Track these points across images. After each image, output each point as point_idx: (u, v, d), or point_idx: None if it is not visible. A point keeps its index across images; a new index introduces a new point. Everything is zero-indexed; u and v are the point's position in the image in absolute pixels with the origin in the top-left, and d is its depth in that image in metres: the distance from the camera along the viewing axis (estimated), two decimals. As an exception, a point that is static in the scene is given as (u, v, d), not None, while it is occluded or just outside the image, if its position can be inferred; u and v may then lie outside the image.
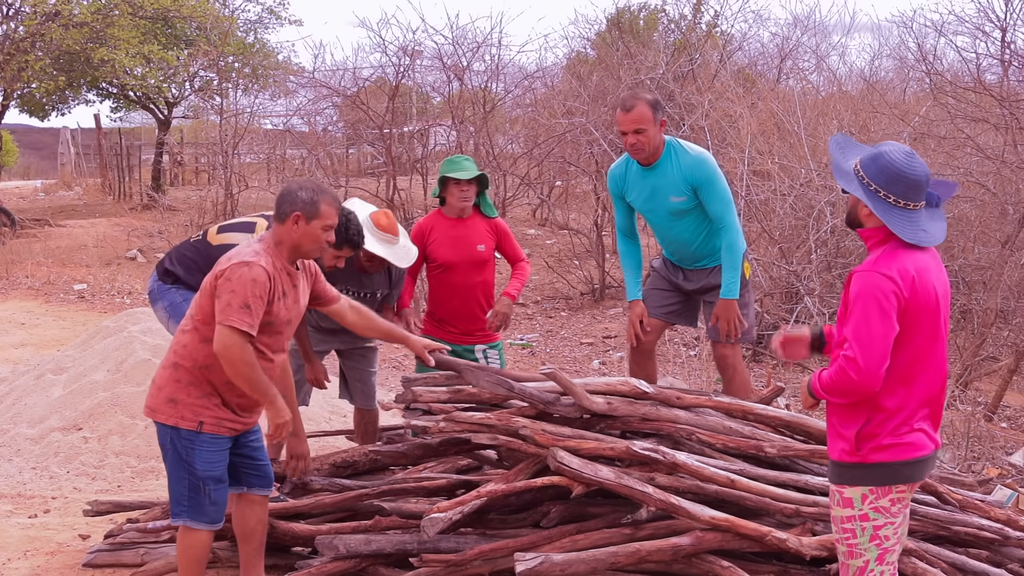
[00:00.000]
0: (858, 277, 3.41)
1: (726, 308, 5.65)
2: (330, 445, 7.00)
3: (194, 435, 4.17)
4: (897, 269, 3.36)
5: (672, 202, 5.62)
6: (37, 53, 19.00)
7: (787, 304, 10.12)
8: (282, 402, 4.18)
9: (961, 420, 7.36)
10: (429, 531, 4.11)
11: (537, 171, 16.24)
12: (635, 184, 5.73)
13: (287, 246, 4.23)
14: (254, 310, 4.04)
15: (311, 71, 18.00)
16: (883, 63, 18.15)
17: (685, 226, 5.69)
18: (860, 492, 3.48)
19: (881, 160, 3.42)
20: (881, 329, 3.33)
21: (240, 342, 4.02)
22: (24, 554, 5.25)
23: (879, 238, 3.48)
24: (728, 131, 12.13)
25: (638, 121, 5.48)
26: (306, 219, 4.18)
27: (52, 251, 17.00)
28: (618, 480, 4.25)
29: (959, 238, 9.79)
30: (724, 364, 5.83)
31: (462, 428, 4.55)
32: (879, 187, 3.40)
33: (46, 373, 8.35)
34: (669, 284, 5.95)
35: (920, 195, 3.41)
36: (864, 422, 3.45)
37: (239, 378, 4.07)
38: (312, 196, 4.20)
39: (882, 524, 3.48)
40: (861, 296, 3.36)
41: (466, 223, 5.95)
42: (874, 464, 3.45)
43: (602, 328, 11.92)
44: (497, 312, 6.02)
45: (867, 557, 3.51)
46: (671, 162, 5.60)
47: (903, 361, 3.41)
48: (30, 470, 6.84)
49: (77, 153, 32.80)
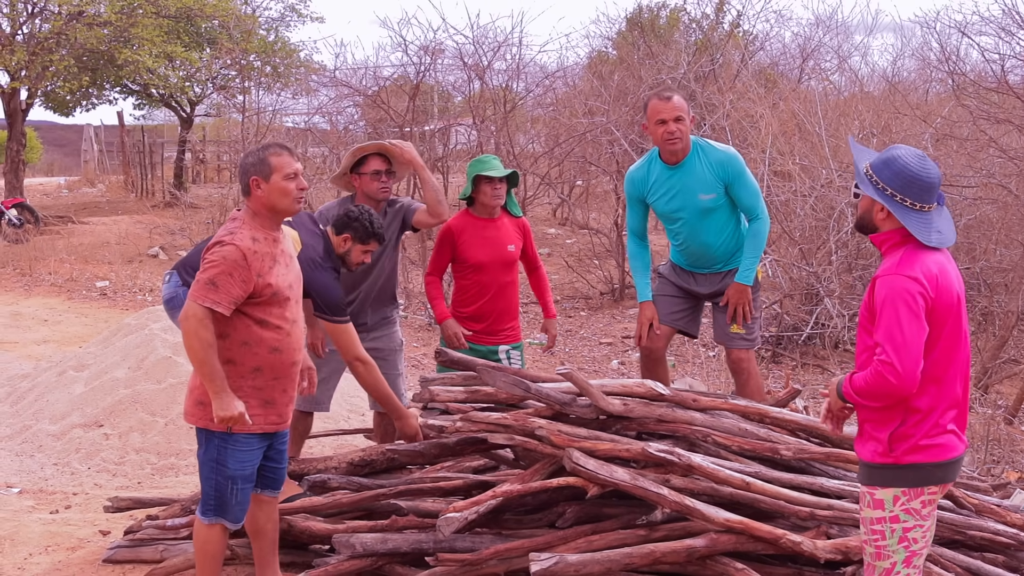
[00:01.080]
0: (883, 282, 3.41)
1: (740, 291, 5.67)
2: (348, 444, 7.04)
3: (227, 436, 4.19)
4: (921, 270, 3.37)
5: (701, 200, 5.61)
6: (61, 52, 19.12)
7: (807, 306, 10.10)
8: (230, 395, 4.08)
9: (981, 423, 7.32)
10: (445, 530, 4.13)
11: (558, 171, 16.22)
12: (660, 185, 5.70)
13: (263, 213, 4.22)
14: (221, 287, 4.02)
15: (332, 70, 18.03)
16: (905, 63, 18.09)
17: (712, 224, 5.68)
18: (892, 494, 3.48)
19: (895, 165, 3.43)
20: (913, 331, 3.33)
21: (200, 316, 4.00)
22: (45, 549, 5.30)
23: (894, 241, 3.48)
24: (749, 131, 12.11)
25: (679, 108, 5.48)
26: (264, 179, 4.17)
27: (75, 248, 17.11)
28: (633, 482, 4.25)
29: (981, 240, 9.76)
30: (738, 368, 5.83)
31: (479, 428, 4.56)
32: (895, 191, 3.41)
33: (68, 370, 8.42)
34: (678, 289, 5.94)
35: (933, 197, 3.43)
36: (898, 423, 3.45)
37: (191, 352, 4.04)
38: (259, 155, 4.20)
39: (912, 526, 3.49)
40: (889, 300, 3.36)
41: (496, 223, 5.95)
42: (907, 465, 3.45)
43: (621, 328, 11.91)
44: (552, 336, 6.26)
45: (895, 559, 3.51)
46: (699, 159, 5.59)
47: (933, 361, 3.42)
48: (52, 466, 6.90)
49: (100, 150, 33.00)
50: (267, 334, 4.19)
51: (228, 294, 4.04)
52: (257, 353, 4.19)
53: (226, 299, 4.04)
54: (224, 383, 4.08)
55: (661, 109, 5.49)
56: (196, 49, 21.68)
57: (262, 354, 4.20)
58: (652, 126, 5.55)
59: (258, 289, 4.12)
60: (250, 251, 4.09)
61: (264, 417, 4.27)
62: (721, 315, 5.83)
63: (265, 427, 4.26)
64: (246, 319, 4.14)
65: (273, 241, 4.24)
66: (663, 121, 5.48)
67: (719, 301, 5.81)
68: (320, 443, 7.03)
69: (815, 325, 9.90)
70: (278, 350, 4.23)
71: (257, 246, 4.13)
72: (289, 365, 4.30)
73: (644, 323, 5.89)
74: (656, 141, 5.61)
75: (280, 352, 4.24)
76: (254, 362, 4.19)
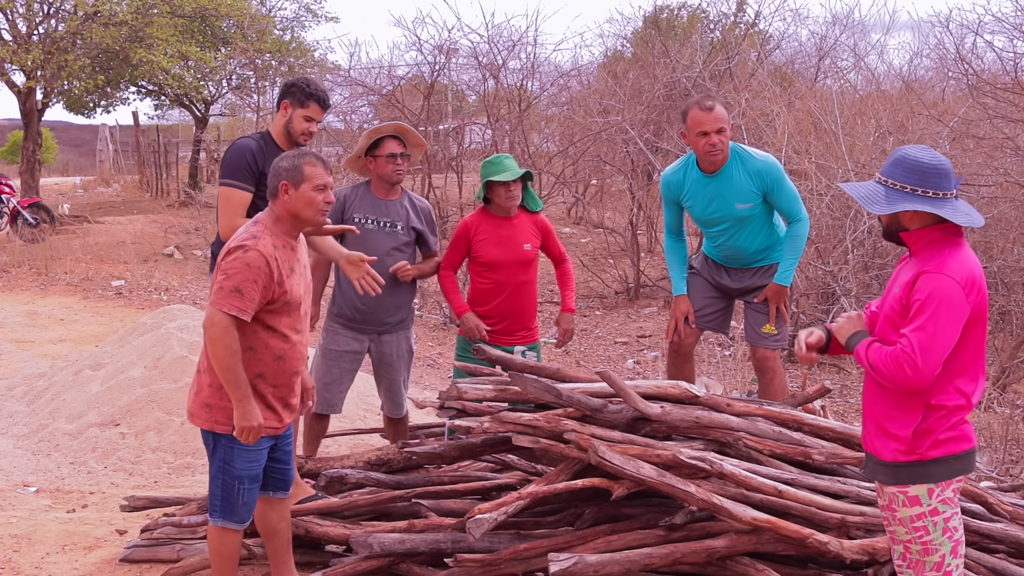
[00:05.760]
0: (929, 279, 3.37)
1: (778, 292, 5.66)
2: (364, 443, 7.04)
3: (232, 437, 4.17)
4: (966, 274, 3.36)
5: (738, 209, 5.56)
6: (77, 52, 19.17)
7: (823, 304, 10.05)
8: (253, 405, 4.09)
9: (999, 423, 7.28)
10: (475, 532, 4.06)
11: (572, 170, 16.19)
12: (696, 191, 5.65)
13: (285, 219, 4.21)
14: (246, 294, 4.00)
15: (347, 69, 18.05)
16: (922, 62, 17.98)
17: (748, 232, 5.66)
18: (925, 488, 3.48)
19: (906, 162, 3.44)
20: (946, 336, 3.33)
21: (225, 324, 3.99)
22: (62, 548, 5.30)
23: (930, 238, 3.46)
24: (765, 130, 12.06)
25: (721, 119, 5.39)
26: (294, 185, 4.16)
27: (90, 247, 17.16)
28: (660, 478, 4.19)
29: (998, 239, 9.69)
30: (764, 367, 5.81)
31: (507, 429, 4.50)
32: (915, 186, 3.41)
33: (84, 369, 8.43)
34: (711, 288, 5.91)
35: (952, 183, 3.42)
36: (920, 420, 3.45)
37: (216, 360, 4.02)
38: (293, 162, 4.19)
39: (950, 515, 3.50)
40: (933, 299, 3.34)
41: (512, 222, 5.89)
42: (932, 460, 3.46)
43: (636, 327, 11.88)
44: (564, 330, 6.09)
45: (943, 551, 3.51)
46: (737, 168, 5.53)
47: (962, 360, 3.43)
48: (68, 465, 6.91)
49: (115, 150, 33.13)
50: (273, 342, 4.18)
51: (252, 301, 4.03)
52: (262, 359, 4.17)
53: (251, 306, 4.03)
54: (249, 391, 4.08)
55: (703, 120, 5.39)
56: (211, 49, 21.72)
57: (266, 361, 4.18)
58: (692, 137, 5.45)
59: (274, 296, 4.12)
60: (272, 258, 4.08)
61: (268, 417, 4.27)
62: (753, 314, 5.81)
63: (265, 430, 4.24)
64: (255, 325, 4.12)
65: (291, 249, 4.23)
66: (705, 133, 5.39)
67: (752, 298, 5.79)
68: (336, 442, 7.03)
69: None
70: (282, 359, 4.22)
71: (278, 253, 4.13)
72: (291, 375, 4.28)
73: (679, 317, 5.86)
74: (697, 151, 5.52)
75: (284, 361, 4.22)
76: (257, 368, 4.17)
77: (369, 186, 5.74)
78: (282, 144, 5.19)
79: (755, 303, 5.78)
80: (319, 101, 5.19)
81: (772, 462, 4.52)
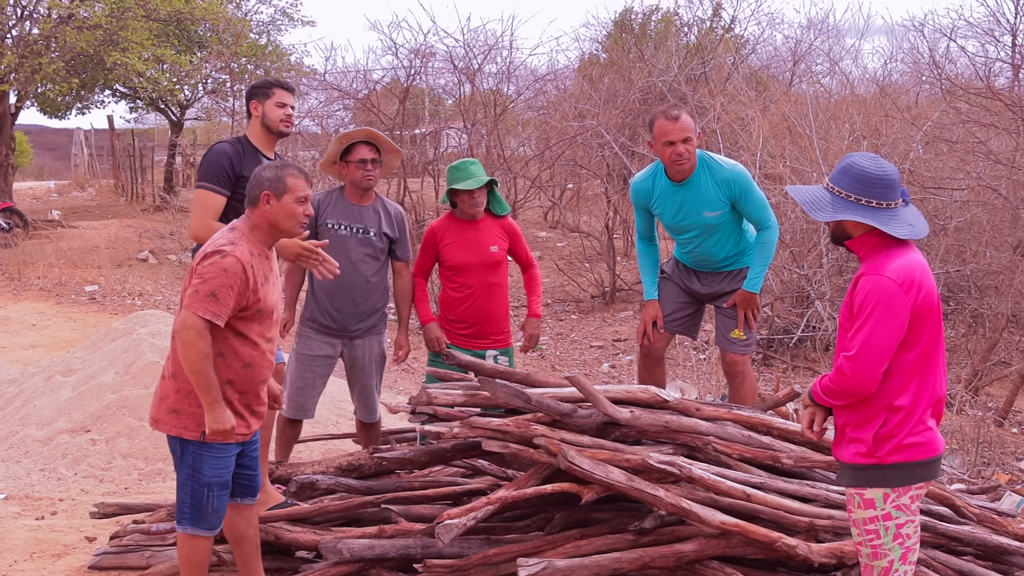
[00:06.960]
0: (866, 280, 3.45)
1: (747, 298, 5.67)
2: (337, 448, 7.01)
3: (201, 444, 4.15)
4: (905, 275, 3.40)
5: (706, 217, 5.56)
6: (51, 55, 19.06)
7: (798, 308, 10.09)
8: (224, 408, 4.07)
9: (971, 425, 7.31)
10: (444, 538, 4.05)
11: (548, 174, 16.22)
12: (664, 199, 5.66)
13: (263, 228, 4.20)
14: (221, 300, 3.99)
15: (323, 73, 18.04)
16: (897, 66, 18.11)
17: (717, 239, 5.67)
18: (881, 492, 3.49)
19: (852, 170, 3.49)
20: (883, 334, 3.37)
21: (199, 328, 3.97)
22: (31, 556, 5.26)
23: (871, 244, 3.52)
24: (740, 134, 12.11)
25: (687, 129, 5.37)
26: (276, 196, 4.15)
27: (64, 252, 17.06)
28: (629, 482, 4.19)
29: (971, 243, 9.75)
30: (734, 371, 5.82)
31: (477, 434, 4.49)
32: (859, 195, 3.47)
33: (55, 375, 8.37)
34: (681, 291, 5.92)
35: (896, 193, 3.48)
36: (881, 424, 3.47)
37: (188, 364, 3.99)
38: (277, 173, 4.18)
39: (904, 522, 3.51)
40: (871, 299, 3.40)
41: (478, 224, 5.89)
42: (892, 465, 3.47)
43: (612, 331, 11.90)
44: (529, 335, 6.12)
45: (891, 557, 3.52)
46: (705, 177, 5.52)
47: (913, 360, 3.45)
48: (38, 472, 6.86)
49: (90, 154, 32.96)
50: (243, 349, 4.16)
51: (227, 307, 4.02)
52: (231, 366, 4.15)
53: (225, 312, 4.01)
54: (220, 395, 4.06)
55: (669, 130, 5.38)
56: (187, 53, 21.63)
57: (235, 367, 4.16)
58: (659, 146, 5.45)
59: (248, 304, 4.10)
60: (249, 265, 4.07)
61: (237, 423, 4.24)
62: (723, 319, 5.82)
63: (238, 434, 4.21)
64: (226, 331, 4.10)
65: (266, 258, 4.23)
66: (671, 143, 5.38)
67: (722, 303, 5.80)
68: (309, 448, 7.00)
69: (806, 328, 9.90)
70: (251, 366, 4.19)
71: (254, 260, 4.12)
72: (259, 382, 4.26)
73: (647, 321, 5.87)
74: (664, 161, 5.51)
75: (252, 368, 4.20)
76: (226, 374, 4.14)
77: (343, 191, 5.72)
78: (261, 145, 5.19)
79: (725, 308, 5.80)
80: (281, 85, 5.25)
81: (741, 466, 4.52)
